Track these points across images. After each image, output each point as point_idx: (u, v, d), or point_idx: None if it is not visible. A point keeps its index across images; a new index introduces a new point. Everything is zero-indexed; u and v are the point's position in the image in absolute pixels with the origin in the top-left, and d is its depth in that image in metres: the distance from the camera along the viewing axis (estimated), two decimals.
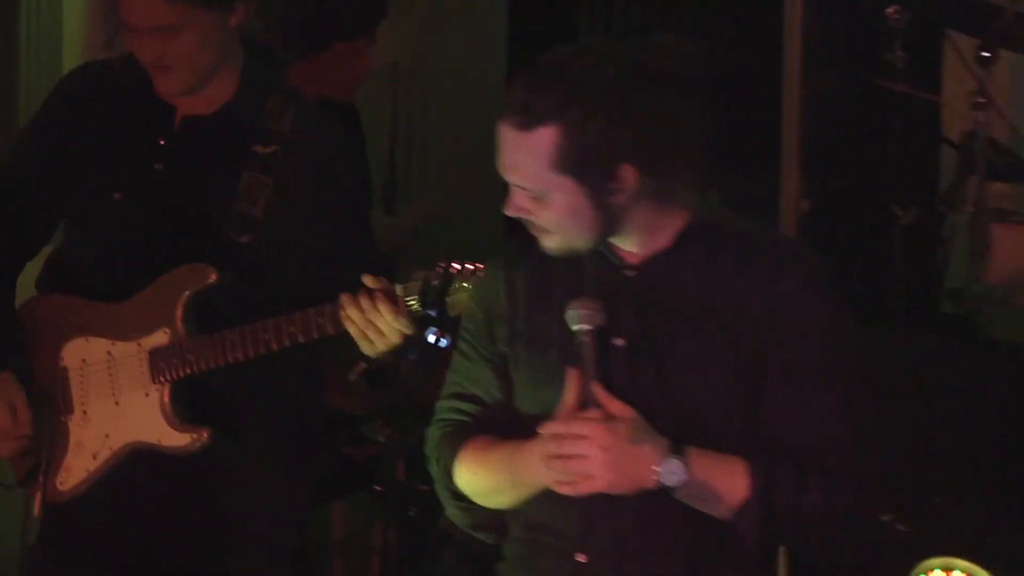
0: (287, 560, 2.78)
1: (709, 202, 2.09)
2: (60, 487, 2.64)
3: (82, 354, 2.67)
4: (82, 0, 4.38)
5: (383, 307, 2.32)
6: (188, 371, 2.54)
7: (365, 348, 2.39)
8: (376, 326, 2.35)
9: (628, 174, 1.88)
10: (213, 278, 2.53)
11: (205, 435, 2.53)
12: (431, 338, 2.00)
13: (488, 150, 2.08)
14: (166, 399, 2.55)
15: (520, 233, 2.01)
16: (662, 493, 1.89)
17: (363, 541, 3.98)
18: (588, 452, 1.88)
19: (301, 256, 2.62)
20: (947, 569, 3.23)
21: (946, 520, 3.44)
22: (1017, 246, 3.64)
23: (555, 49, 1.99)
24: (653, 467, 1.87)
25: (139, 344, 2.60)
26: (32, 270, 2.85)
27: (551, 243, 1.97)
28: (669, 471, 1.86)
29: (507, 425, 2.02)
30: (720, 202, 2.23)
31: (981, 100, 3.65)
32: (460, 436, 2.08)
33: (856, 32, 3.90)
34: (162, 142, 2.70)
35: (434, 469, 2.12)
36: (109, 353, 2.64)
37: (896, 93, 3.76)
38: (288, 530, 2.79)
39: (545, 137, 1.87)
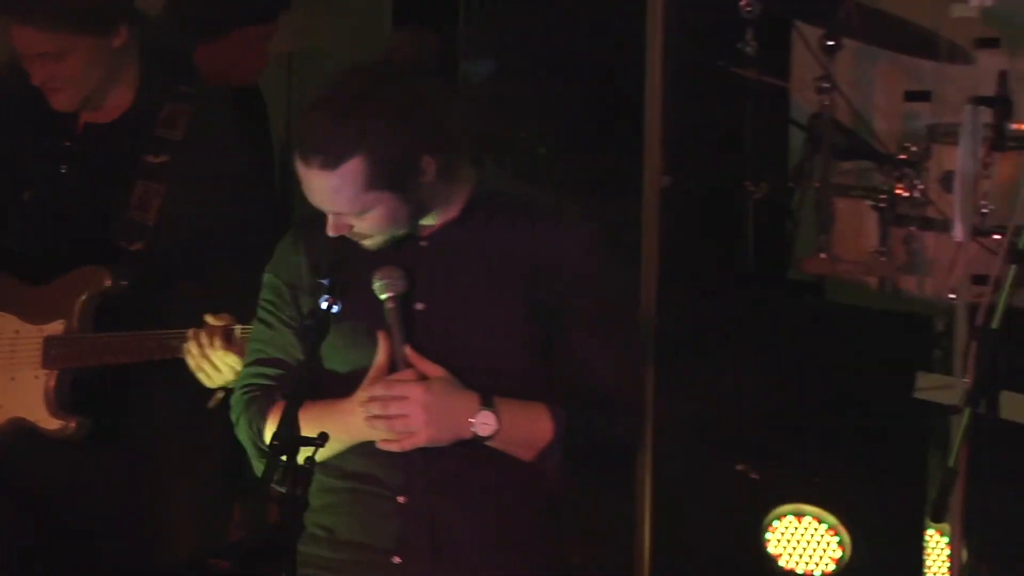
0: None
1: (488, 172, 2.29)
2: None
3: None
4: None
5: (217, 344, 2.49)
6: (74, 364, 2.72)
7: (203, 380, 2.55)
8: (211, 361, 2.51)
9: (428, 164, 2.05)
10: (108, 283, 2.70)
11: (73, 425, 2.72)
12: (323, 305, 2.06)
13: None
14: (51, 384, 2.72)
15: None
16: (474, 441, 2.08)
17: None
18: (409, 411, 2.06)
19: (200, 259, 2.72)
20: (798, 515, 3.51)
21: (797, 469, 3.59)
22: (855, 217, 3.87)
23: (320, 87, 2.12)
24: (469, 420, 2.07)
25: (40, 329, 2.77)
26: None
27: (372, 243, 2.13)
28: (482, 423, 2.07)
29: (313, 385, 2.11)
30: (497, 170, 2.44)
31: (826, 85, 3.84)
32: (267, 398, 2.22)
33: (713, 22, 4.07)
34: (67, 143, 2.86)
35: (242, 431, 2.25)
36: (16, 331, 2.81)
37: (749, 79, 3.95)
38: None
39: (352, 168, 1.99)
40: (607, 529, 3.14)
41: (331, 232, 2.10)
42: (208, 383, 2.58)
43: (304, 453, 1.89)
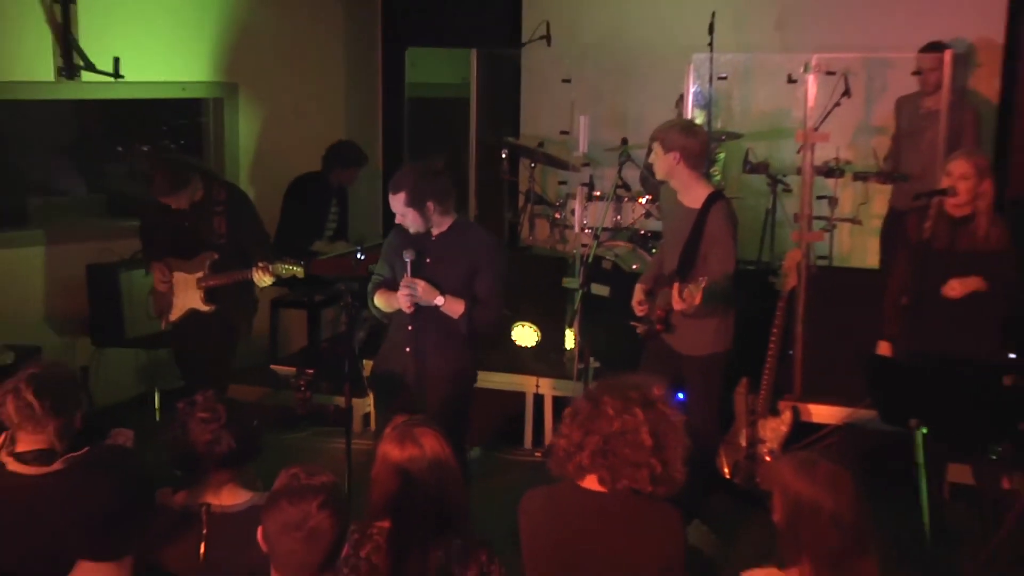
0: None
1: (460, 212, 4.86)
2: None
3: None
4: None
5: (265, 271, 5.83)
6: (209, 285, 5.93)
7: (260, 283, 5.91)
8: (261, 277, 5.83)
9: (431, 204, 4.82)
10: (215, 257, 6.06)
11: (212, 307, 5.98)
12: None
13: None
14: (201, 294, 5.99)
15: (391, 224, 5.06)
16: (436, 310, 4.88)
17: None
18: (417, 293, 4.82)
19: (244, 246, 6.06)
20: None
21: None
22: None
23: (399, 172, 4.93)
24: (436, 299, 4.85)
25: (194, 275, 5.98)
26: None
27: (412, 228, 4.88)
28: (439, 301, 4.86)
29: (392, 284, 5.01)
30: (463, 212, 5.01)
31: None
32: (377, 286, 5.09)
33: None
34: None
35: (369, 298, 5.11)
36: (185, 276, 6.03)
37: None
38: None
39: (402, 198, 4.79)
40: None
41: (399, 221, 4.95)
42: (262, 284, 5.87)
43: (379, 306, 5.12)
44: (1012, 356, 5.16)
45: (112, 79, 6.82)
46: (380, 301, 5.07)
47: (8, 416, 3.34)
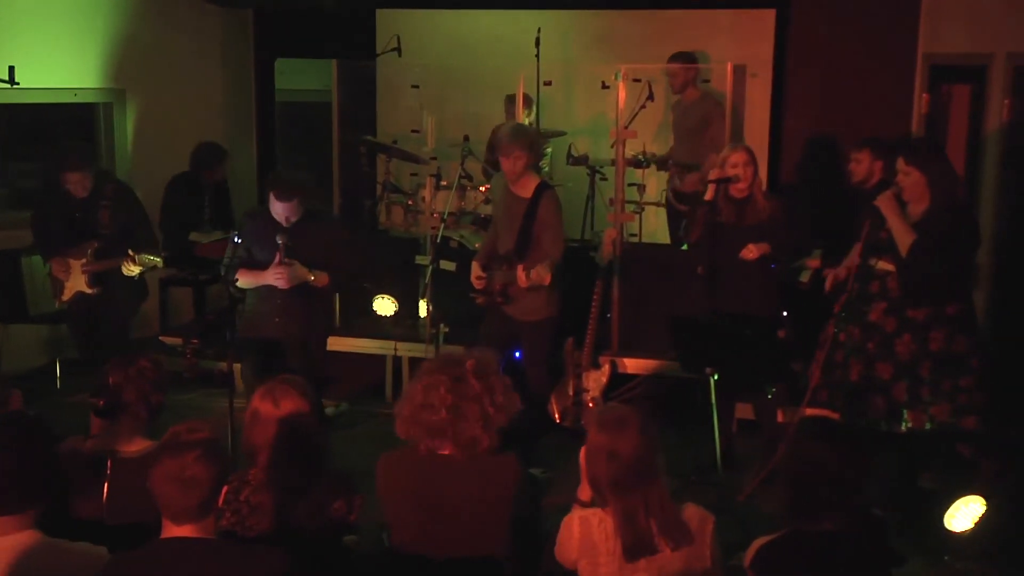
0: None
1: (314, 204, 4.88)
2: None
3: None
4: None
5: (130, 262, 5.89)
6: (93, 270, 6.11)
7: (126, 272, 5.93)
8: (128, 266, 5.91)
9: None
10: (96, 245, 6.16)
11: (97, 289, 6.17)
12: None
13: None
14: (87, 278, 6.19)
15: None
16: (307, 285, 5.20)
17: None
18: (285, 273, 5.06)
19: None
20: None
21: None
22: None
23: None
24: (309, 276, 5.14)
25: (78, 260, 6.19)
26: None
27: (292, 221, 5.19)
28: (309, 276, 5.16)
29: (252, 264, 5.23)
30: (317, 203, 5.15)
31: None
32: (237, 267, 5.12)
33: None
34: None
35: (230, 275, 5.04)
36: (71, 264, 6.21)
37: None
38: None
39: (296, 203, 5.25)
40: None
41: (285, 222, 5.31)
42: (129, 273, 5.88)
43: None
44: (784, 313, 5.37)
45: (8, 86, 6.55)
46: (245, 280, 5.26)
47: None
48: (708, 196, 5.31)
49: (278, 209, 5.16)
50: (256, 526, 3.01)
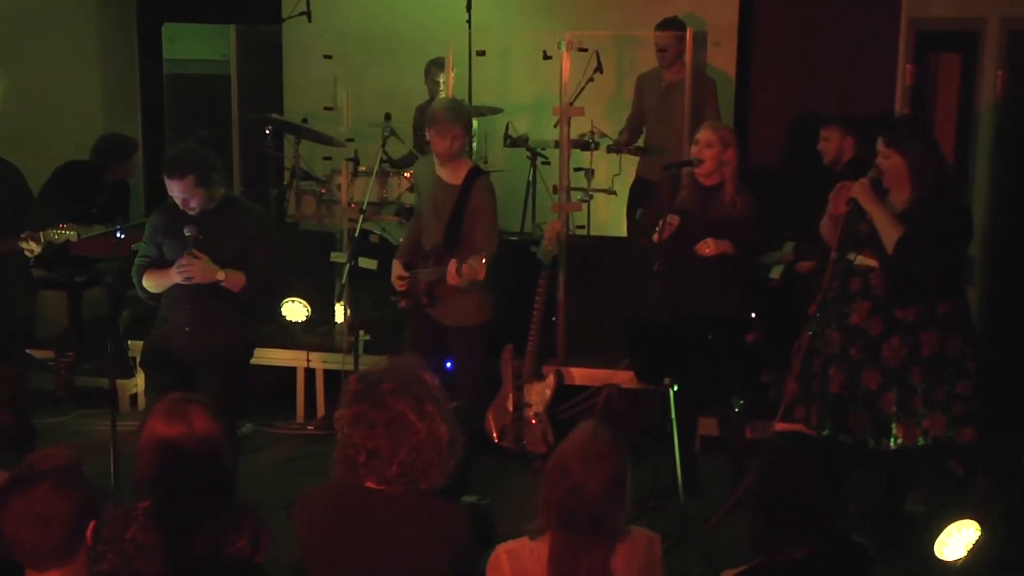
0: None
1: (226, 190, 4.87)
2: None
3: None
4: None
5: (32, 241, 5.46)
6: None
7: (27, 253, 5.58)
8: (29, 247, 5.54)
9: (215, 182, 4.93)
10: None
11: None
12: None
13: None
14: None
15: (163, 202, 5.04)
16: (213, 286, 4.87)
17: None
18: (193, 271, 4.79)
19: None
20: None
21: None
22: None
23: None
24: (218, 274, 4.86)
25: None
26: None
27: (197, 209, 4.86)
28: (220, 276, 4.83)
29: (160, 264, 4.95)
30: (227, 189, 5.07)
31: None
32: (144, 268, 4.98)
33: None
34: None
35: (136, 280, 5.00)
36: None
37: None
38: None
39: (192, 180, 4.80)
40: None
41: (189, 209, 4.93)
42: (31, 254, 5.56)
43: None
44: (753, 315, 5.41)
45: None
46: (150, 282, 4.99)
47: None
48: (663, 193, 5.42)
49: (175, 191, 4.83)
50: (144, 569, 2.96)
